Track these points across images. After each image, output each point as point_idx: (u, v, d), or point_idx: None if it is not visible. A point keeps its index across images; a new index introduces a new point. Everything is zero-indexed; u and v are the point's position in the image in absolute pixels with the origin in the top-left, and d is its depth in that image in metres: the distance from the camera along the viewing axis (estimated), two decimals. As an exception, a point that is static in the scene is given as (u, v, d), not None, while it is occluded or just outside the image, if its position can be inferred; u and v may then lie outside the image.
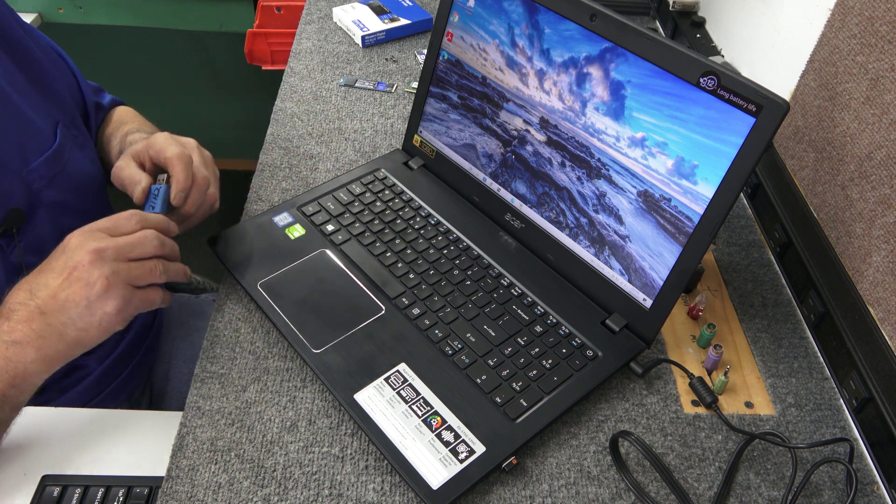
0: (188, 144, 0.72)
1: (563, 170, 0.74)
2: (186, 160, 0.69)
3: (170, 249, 0.64)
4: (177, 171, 0.68)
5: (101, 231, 0.61)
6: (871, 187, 0.68)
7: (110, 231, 0.61)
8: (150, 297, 0.63)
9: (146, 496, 0.64)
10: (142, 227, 0.63)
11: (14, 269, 0.71)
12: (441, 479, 0.59)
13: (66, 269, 0.58)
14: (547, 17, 0.71)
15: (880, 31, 0.67)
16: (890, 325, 0.65)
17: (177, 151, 0.68)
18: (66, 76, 0.83)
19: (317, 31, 1.16)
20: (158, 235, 0.63)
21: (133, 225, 0.62)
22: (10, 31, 0.74)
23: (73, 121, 0.79)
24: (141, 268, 0.61)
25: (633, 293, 0.70)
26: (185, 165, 0.68)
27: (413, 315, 0.71)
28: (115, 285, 0.59)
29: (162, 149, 0.69)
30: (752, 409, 0.69)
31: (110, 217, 0.63)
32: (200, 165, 0.71)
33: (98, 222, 0.62)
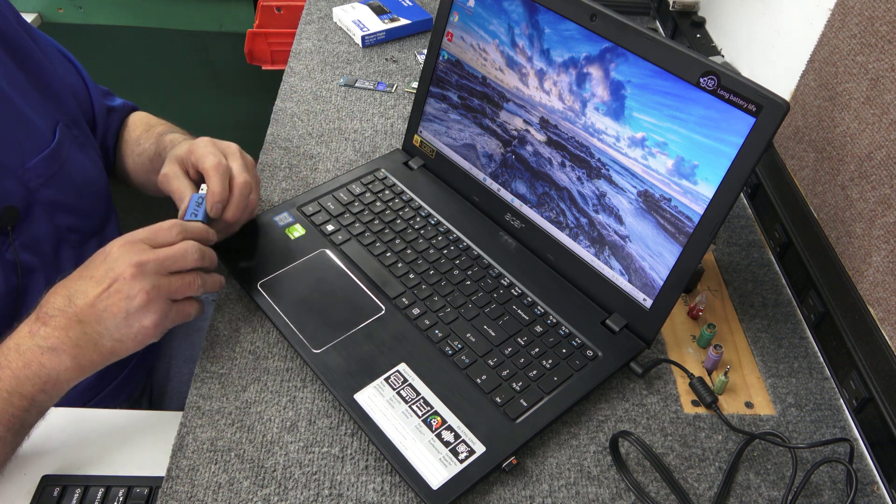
0: (229, 151, 0.71)
1: (563, 170, 0.74)
2: (223, 171, 0.68)
3: (209, 261, 0.64)
4: (213, 182, 0.67)
5: (143, 241, 0.60)
6: (871, 187, 0.68)
7: (151, 241, 0.61)
8: (186, 310, 0.63)
9: (146, 496, 0.64)
10: (182, 238, 0.62)
11: (10, 267, 0.71)
12: (441, 479, 0.59)
13: (106, 279, 0.58)
14: (547, 17, 0.71)
15: (880, 31, 0.67)
16: (890, 325, 0.65)
17: (214, 162, 0.68)
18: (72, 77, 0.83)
19: (317, 31, 1.16)
20: (199, 247, 0.63)
21: (174, 236, 0.62)
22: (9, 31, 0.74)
23: (75, 121, 0.79)
24: (181, 281, 0.61)
25: (633, 293, 0.70)
26: (221, 177, 0.68)
27: (413, 315, 0.71)
28: (155, 300, 0.59)
29: (201, 158, 0.69)
30: (752, 409, 0.69)
31: (152, 226, 0.62)
32: (242, 171, 0.70)
33: (139, 231, 0.62)
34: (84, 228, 0.79)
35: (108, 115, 0.88)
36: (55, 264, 0.76)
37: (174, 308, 0.61)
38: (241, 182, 0.69)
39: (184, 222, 0.64)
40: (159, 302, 0.59)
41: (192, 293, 0.63)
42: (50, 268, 0.75)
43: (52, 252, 0.75)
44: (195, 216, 0.67)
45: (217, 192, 0.67)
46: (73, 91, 0.81)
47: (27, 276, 0.73)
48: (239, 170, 0.70)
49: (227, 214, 0.69)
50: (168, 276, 0.60)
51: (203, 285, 0.63)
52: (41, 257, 0.74)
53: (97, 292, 0.58)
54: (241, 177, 0.69)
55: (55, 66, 0.80)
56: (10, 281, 0.71)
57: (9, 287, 0.71)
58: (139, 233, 0.61)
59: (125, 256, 0.58)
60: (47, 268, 0.75)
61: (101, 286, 0.58)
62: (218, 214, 0.68)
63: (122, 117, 0.90)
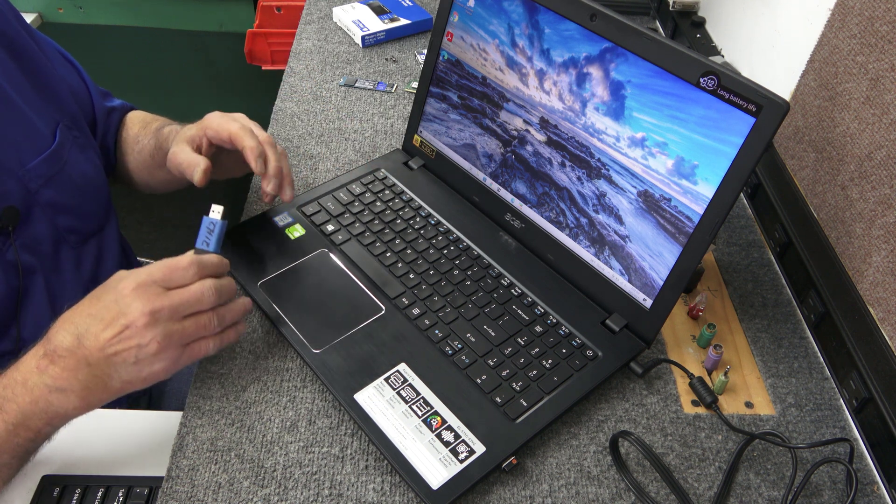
0: (241, 119, 0.73)
1: (563, 170, 0.74)
2: (249, 130, 0.70)
3: (226, 296, 0.62)
4: (246, 140, 0.69)
5: (157, 284, 0.58)
6: (871, 187, 0.68)
7: (166, 283, 0.58)
8: (199, 351, 0.61)
9: (146, 496, 0.64)
10: (199, 277, 0.60)
11: (10, 268, 0.71)
12: (441, 479, 0.59)
13: (117, 324, 0.56)
14: (547, 17, 0.71)
15: (880, 31, 0.67)
16: (890, 325, 0.65)
17: (236, 126, 0.69)
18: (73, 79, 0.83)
19: (317, 31, 1.16)
20: (216, 287, 0.60)
21: (191, 276, 0.59)
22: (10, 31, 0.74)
23: (75, 122, 0.79)
24: (195, 324, 0.59)
25: (633, 293, 0.70)
26: (251, 135, 0.69)
27: (413, 315, 0.71)
28: (167, 347, 0.57)
29: (221, 128, 0.70)
30: (752, 409, 0.69)
31: (166, 265, 0.59)
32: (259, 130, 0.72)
33: (154, 271, 0.58)
34: (83, 229, 0.79)
35: (108, 116, 0.88)
36: (55, 265, 0.76)
37: (186, 351, 0.60)
38: (265, 137, 0.72)
39: (200, 258, 0.61)
40: (171, 349, 0.58)
41: (207, 334, 0.61)
42: (49, 269, 0.75)
43: (51, 253, 0.75)
44: (207, 245, 0.64)
45: (254, 146, 0.69)
46: (73, 92, 0.81)
47: (27, 276, 0.73)
48: (258, 129, 0.72)
49: (270, 167, 0.70)
50: (182, 321, 0.58)
51: (220, 322, 0.61)
52: (41, 258, 0.74)
53: (108, 336, 0.56)
54: (262, 134, 0.72)
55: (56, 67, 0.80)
56: (11, 281, 0.71)
57: (9, 287, 0.71)
58: (154, 272, 0.58)
59: (138, 302, 0.56)
60: (47, 269, 0.75)
61: (112, 330, 0.56)
62: (263, 169, 0.70)
63: (120, 117, 0.90)
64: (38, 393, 0.57)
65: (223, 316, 0.61)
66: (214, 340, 0.61)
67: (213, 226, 0.65)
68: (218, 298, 0.60)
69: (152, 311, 0.56)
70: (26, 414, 0.57)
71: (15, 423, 0.57)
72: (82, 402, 0.58)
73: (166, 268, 0.59)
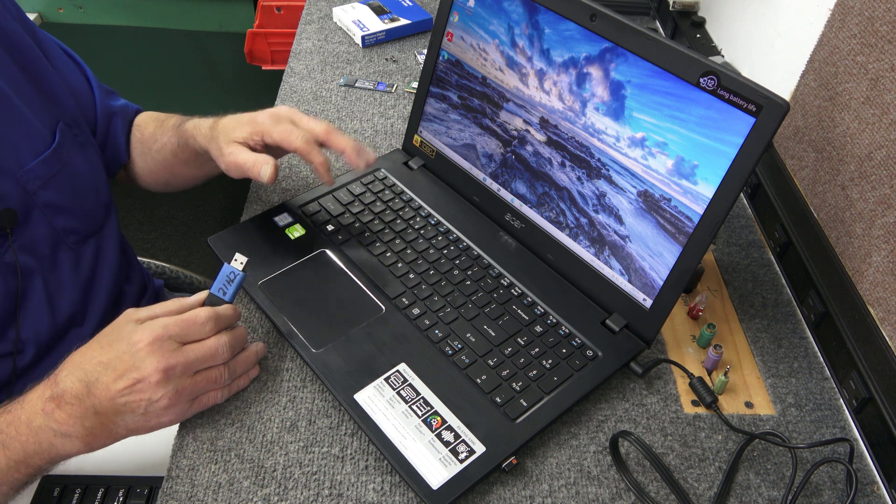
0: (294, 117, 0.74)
1: (563, 170, 0.74)
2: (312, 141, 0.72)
3: (239, 346, 0.63)
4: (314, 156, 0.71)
5: (173, 339, 0.58)
6: (871, 187, 0.68)
7: (181, 338, 0.58)
8: (208, 402, 0.62)
9: (146, 496, 0.64)
10: (215, 332, 0.60)
11: (9, 270, 0.71)
12: (441, 479, 0.59)
13: (129, 377, 0.56)
14: (547, 17, 0.71)
15: (880, 31, 0.67)
16: (890, 325, 0.65)
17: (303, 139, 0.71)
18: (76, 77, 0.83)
19: (317, 31, 1.16)
20: (230, 343, 0.61)
21: (207, 332, 0.60)
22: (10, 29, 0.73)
23: (75, 121, 0.79)
24: (205, 379, 0.60)
25: (633, 293, 0.70)
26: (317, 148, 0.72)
27: (413, 315, 0.71)
28: (177, 403, 0.58)
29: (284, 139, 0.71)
30: (752, 409, 0.69)
31: (185, 319, 0.59)
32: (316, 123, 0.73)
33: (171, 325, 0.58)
34: (82, 230, 0.79)
35: (112, 116, 0.87)
36: (53, 266, 0.76)
37: (195, 403, 0.61)
38: (322, 131, 0.73)
39: (216, 311, 0.61)
40: (181, 404, 0.59)
41: (217, 387, 0.62)
42: (48, 269, 0.75)
43: (49, 254, 0.75)
44: (223, 294, 0.63)
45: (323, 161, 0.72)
46: (74, 91, 0.81)
47: (25, 277, 0.73)
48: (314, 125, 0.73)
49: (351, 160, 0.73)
50: (193, 376, 0.59)
51: (231, 375, 0.62)
52: (39, 259, 0.74)
53: (119, 388, 0.56)
54: (318, 128, 0.73)
55: (57, 65, 0.79)
56: (10, 283, 0.71)
57: (8, 289, 0.71)
58: (171, 327, 0.58)
59: (153, 358, 0.56)
60: (45, 269, 0.75)
61: (123, 382, 0.56)
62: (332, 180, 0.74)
63: (129, 120, 0.89)
64: (42, 435, 0.57)
65: (234, 369, 0.63)
66: (223, 391, 0.63)
67: (233, 276, 0.64)
68: (231, 353, 0.61)
69: (167, 368, 0.57)
70: (28, 453, 0.57)
71: (17, 460, 0.57)
72: (85, 446, 0.58)
73: (183, 322, 0.59)
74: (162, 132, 0.85)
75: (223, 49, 1.93)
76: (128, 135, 0.89)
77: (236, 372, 0.63)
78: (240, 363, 0.63)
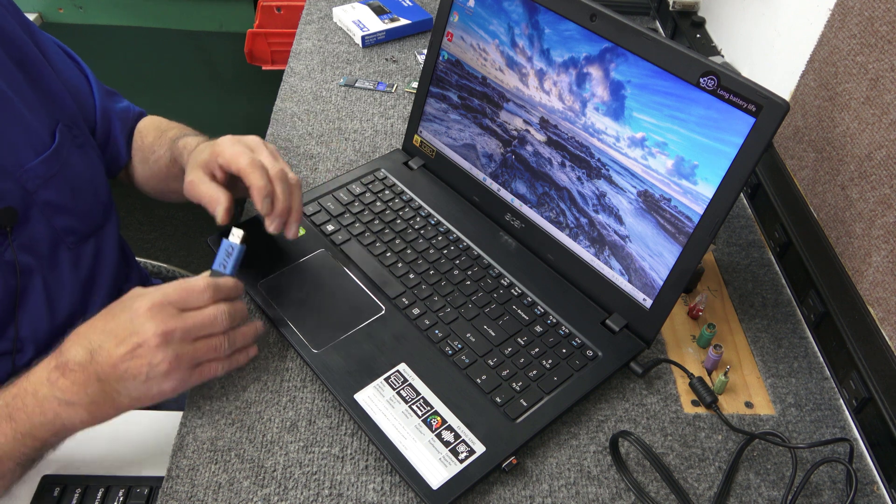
0: (253, 145, 0.71)
1: (563, 170, 0.74)
2: (258, 165, 0.67)
3: (239, 320, 0.63)
4: (254, 178, 0.66)
5: (172, 305, 0.58)
6: (871, 187, 0.68)
7: (181, 304, 0.59)
8: (209, 372, 0.61)
9: (146, 496, 0.64)
10: (214, 301, 0.61)
11: (9, 268, 0.71)
12: (441, 479, 0.59)
13: (129, 342, 0.57)
14: (547, 17, 0.71)
15: (880, 31, 0.67)
16: (890, 325, 0.65)
17: (247, 160, 0.67)
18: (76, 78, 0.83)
19: (317, 31, 1.16)
20: (229, 312, 0.61)
21: (205, 300, 0.60)
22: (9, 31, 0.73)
23: (75, 122, 0.79)
24: (206, 346, 0.60)
25: (633, 293, 0.70)
26: (260, 171, 0.67)
27: (413, 315, 0.71)
28: (178, 368, 0.58)
29: (232, 159, 0.68)
30: (752, 409, 0.69)
31: (182, 287, 0.60)
32: (273, 162, 0.69)
33: (170, 292, 0.59)
34: (81, 229, 0.79)
35: (111, 118, 0.87)
36: (52, 265, 0.76)
37: (196, 372, 0.60)
38: (276, 172, 0.68)
39: (216, 282, 0.61)
40: (182, 370, 0.59)
41: (217, 356, 0.61)
42: (47, 269, 0.75)
43: (49, 253, 0.75)
44: (224, 268, 0.64)
45: (262, 186, 0.67)
46: (74, 91, 0.81)
47: (25, 276, 0.73)
48: (270, 161, 0.69)
49: (277, 208, 0.68)
50: (193, 342, 0.59)
51: (231, 345, 0.62)
52: (38, 258, 0.74)
53: (120, 353, 0.57)
54: (274, 167, 0.69)
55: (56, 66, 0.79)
56: (9, 282, 0.71)
57: (7, 288, 0.71)
58: (170, 294, 0.59)
59: (152, 322, 0.57)
60: (44, 269, 0.75)
61: (124, 348, 0.57)
62: (269, 209, 0.67)
63: (132, 124, 0.89)
64: (47, 405, 0.58)
65: (234, 339, 0.62)
66: (224, 363, 0.62)
67: (231, 249, 0.65)
68: (230, 322, 0.61)
69: (165, 331, 0.57)
70: (35, 424, 0.58)
71: (23, 432, 0.58)
72: (89, 416, 0.58)
73: (182, 290, 0.59)
74: (160, 144, 0.86)
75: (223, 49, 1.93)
76: (128, 138, 0.89)
77: (236, 343, 0.62)
78: (239, 335, 0.63)
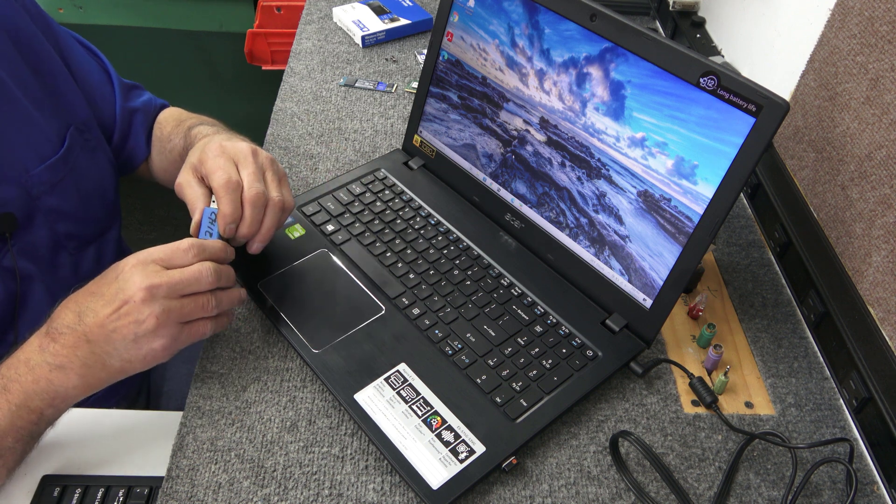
0: (240, 157, 0.67)
1: (563, 170, 0.74)
2: (233, 188, 0.64)
3: (225, 280, 0.62)
4: (223, 204, 0.64)
5: (156, 263, 0.58)
6: (871, 187, 0.68)
7: (166, 263, 0.59)
8: (198, 331, 0.61)
9: (146, 496, 0.64)
10: (199, 260, 0.60)
11: (8, 274, 0.71)
12: (441, 479, 0.59)
13: (116, 300, 0.57)
14: (547, 17, 0.71)
15: (880, 31, 0.67)
16: (890, 325, 0.65)
17: (223, 180, 0.64)
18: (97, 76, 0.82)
19: (317, 31, 1.16)
20: (215, 269, 0.60)
21: (190, 258, 0.59)
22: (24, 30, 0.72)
23: (88, 125, 0.78)
24: (193, 303, 0.59)
25: (633, 293, 0.70)
26: (231, 196, 0.64)
27: (413, 315, 0.71)
28: (165, 324, 0.57)
29: (210, 173, 0.65)
30: (752, 409, 0.69)
31: (168, 246, 0.60)
32: (254, 182, 0.65)
33: (155, 251, 0.59)
34: (83, 235, 0.78)
35: (134, 113, 0.86)
36: (53, 271, 0.76)
37: (185, 330, 0.60)
38: (253, 195, 0.64)
39: (201, 241, 0.61)
40: (170, 326, 0.58)
41: (205, 314, 0.61)
42: (47, 274, 0.75)
43: (49, 259, 0.75)
44: (209, 234, 0.64)
45: (228, 214, 0.64)
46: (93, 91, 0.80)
47: (24, 282, 0.73)
48: (251, 180, 0.65)
49: (240, 232, 0.65)
50: (180, 299, 0.58)
51: (218, 305, 0.61)
52: (38, 264, 0.74)
53: (107, 312, 0.57)
54: (252, 189, 0.65)
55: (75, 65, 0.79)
56: (9, 287, 0.71)
57: (7, 294, 0.71)
58: (154, 252, 0.59)
59: (136, 278, 0.57)
60: (44, 274, 0.75)
61: (110, 306, 0.57)
62: (231, 234, 0.65)
63: (153, 116, 0.89)
64: (39, 372, 0.57)
65: (220, 299, 0.61)
66: (211, 323, 0.62)
67: (214, 216, 0.64)
68: (217, 281, 0.60)
69: (150, 286, 0.56)
70: (28, 394, 0.57)
71: (18, 403, 0.57)
72: (81, 381, 0.58)
73: (167, 248, 0.59)
74: (176, 133, 0.86)
75: (223, 49, 1.93)
76: (149, 131, 0.88)
77: (222, 303, 0.61)
78: (226, 297, 0.62)
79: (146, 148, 0.88)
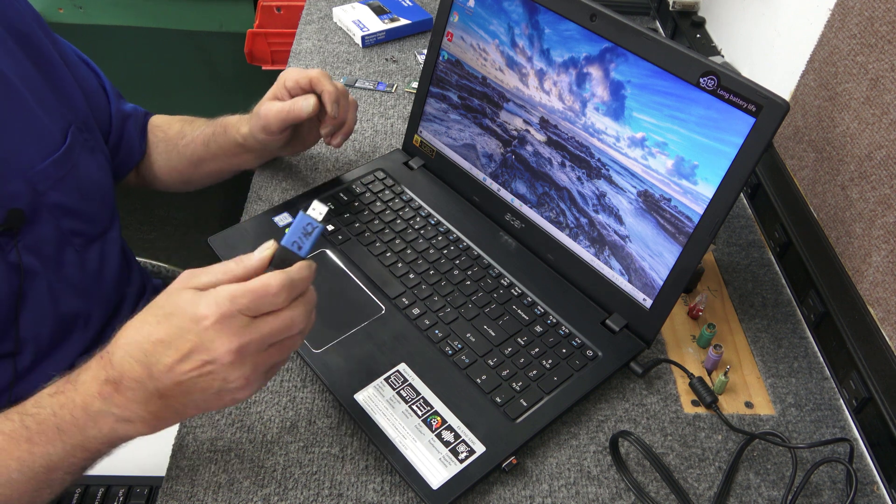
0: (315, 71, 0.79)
1: (563, 170, 0.74)
2: (328, 76, 0.78)
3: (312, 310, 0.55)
4: (325, 85, 0.77)
5: (242, 314, 0.49)
6: (871, 187, 0.68)
7: (252, 311, 0.50)
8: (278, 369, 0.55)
9: (146, 496, 0.64)
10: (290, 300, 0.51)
11: (12, 269, 0.71)
12: (441, 478, 0.59)
13: (196, 358, 0.49)
14: (547, 17, 0.71)
15: (880, 31, 0.67)
16: (890, 325, 0.65)
17: (316, 72, 0.77)
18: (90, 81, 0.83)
19: (317, 31, 1.16)
20: (307, 311, 0.53)
21: (280, 303, 0.51)
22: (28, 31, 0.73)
23: (87, 125, 0.79)
24: (279, 351, 0.52)
25: (633, 293, 0.70)
26: (329, 80, 0.78)
27: (413, 315, 0.71)
28: (254, 380, 0.52)
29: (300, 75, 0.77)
30: (752, 409, 0.69)
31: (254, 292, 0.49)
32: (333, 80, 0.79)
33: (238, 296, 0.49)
34: (89, 232, 0.79)
35: (126, 119, 0.88)
36: (57, 267, 0.76)
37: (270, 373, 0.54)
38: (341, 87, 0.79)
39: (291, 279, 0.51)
40: (258, 381, 0.52)
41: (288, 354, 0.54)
42: (51, 271, 0.75)
43: (54, 255, 0.75)
44: (298, 249, 0.53)
45: (332, 91, 0.77)
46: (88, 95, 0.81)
47: (28, 278, 0.73)
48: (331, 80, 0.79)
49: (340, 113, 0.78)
50: (268, 348, 0.51)
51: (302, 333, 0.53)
52: (43, 260, 0.74)
53: (185, 369, 0.50)
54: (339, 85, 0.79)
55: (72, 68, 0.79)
56: (13, 283, 0.71)
57: (10, 289, 0.71)
58: (239, 299, 0.49)
59: (224, 338, 0.49)
60: (48, 270, 0.75)
61: (190, 364, 0.49)
62: (336, 113, 0.78)
63: (143, 124, 0.90)
64: (102, 421, 0.53)
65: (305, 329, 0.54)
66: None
67: (311, 228, 0.52)
68: (308, 322, 0.53)
69: (240, 347, 0.49)
70: (88, 437, 0.53)
71: (74, 444, 0.54)
72: (149, 429, 0.54)
73: (253, 294, 0.50)
74: (192, 128, 0.88)
75: (223, 49, 1.93)
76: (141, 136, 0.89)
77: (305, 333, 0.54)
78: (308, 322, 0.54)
79: (140, 151, 0.89)
